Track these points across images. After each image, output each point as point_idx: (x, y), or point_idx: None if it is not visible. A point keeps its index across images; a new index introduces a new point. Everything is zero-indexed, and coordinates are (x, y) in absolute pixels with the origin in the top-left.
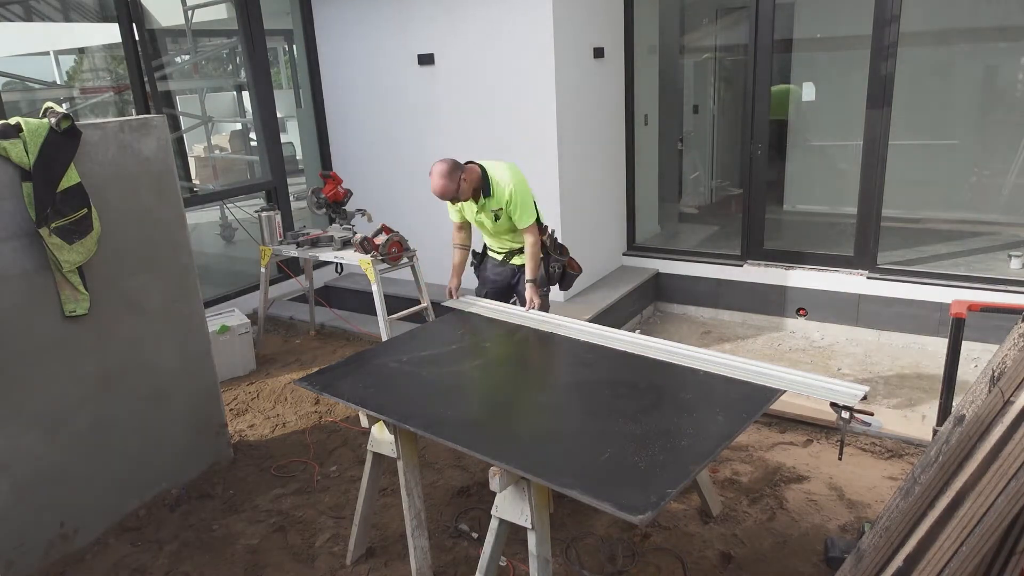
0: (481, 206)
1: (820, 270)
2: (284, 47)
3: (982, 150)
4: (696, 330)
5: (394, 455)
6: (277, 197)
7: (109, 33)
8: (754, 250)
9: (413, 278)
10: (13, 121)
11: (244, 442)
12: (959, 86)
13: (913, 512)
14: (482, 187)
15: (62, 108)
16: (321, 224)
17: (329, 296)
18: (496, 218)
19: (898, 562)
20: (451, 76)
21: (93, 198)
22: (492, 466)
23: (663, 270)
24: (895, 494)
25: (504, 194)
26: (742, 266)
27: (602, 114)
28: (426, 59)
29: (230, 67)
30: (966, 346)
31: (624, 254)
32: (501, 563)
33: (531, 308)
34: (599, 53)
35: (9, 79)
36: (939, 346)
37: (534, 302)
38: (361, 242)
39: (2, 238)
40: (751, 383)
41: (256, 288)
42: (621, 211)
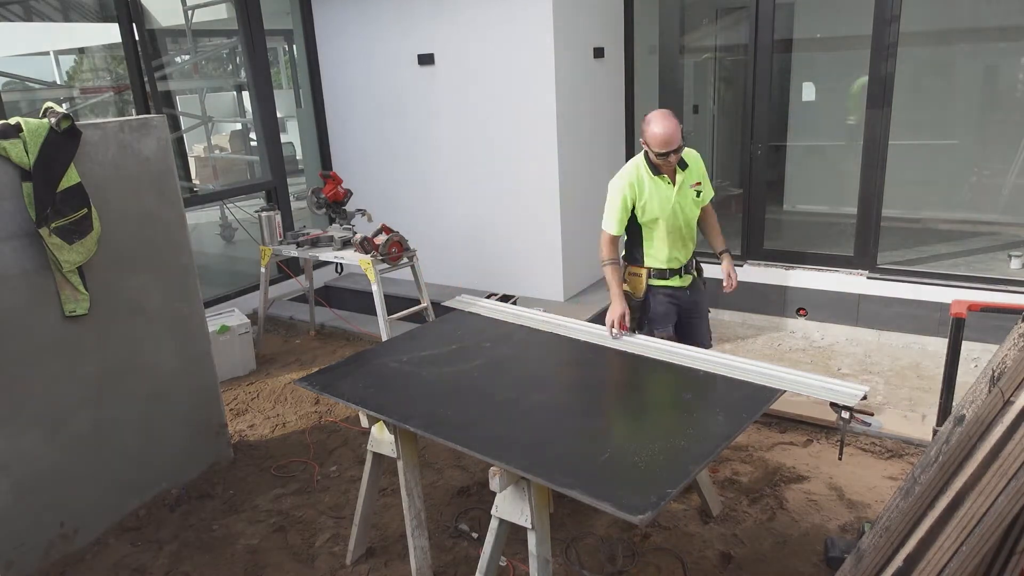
0: (681, 183)
1: (820, 270)
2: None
3: (982, 150)
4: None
5: (394, 455)
6: (277, 197)
7: (109, 33)
8: (754, 250)
9: (413, 278)
10: (13, 121)
11: (244, 442)
12: (959, 86)
13: (913, 512)
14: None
15: (62, 108)
16: (321, 224)
17: (329, 296)
18: (698, 194)
19: (898, 562)
20: (451, 76)
21: (93, 198)
22: (492, 466)
23: None
24: (895, 494)
25: (698, 163)
26: (742, 266)
27: (602, 114)
28: (426, 59)
29: (230, 67)
30: (966, 346)
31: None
32: (501, 563)
33: (730, 282)
34: (599, 53)
35: (9, 79)
36: (939, 346)
37: (732, 276)
38: (361, 242)
39: (2, 238)
40: (751, 383)
41: (256, 288)
42: None
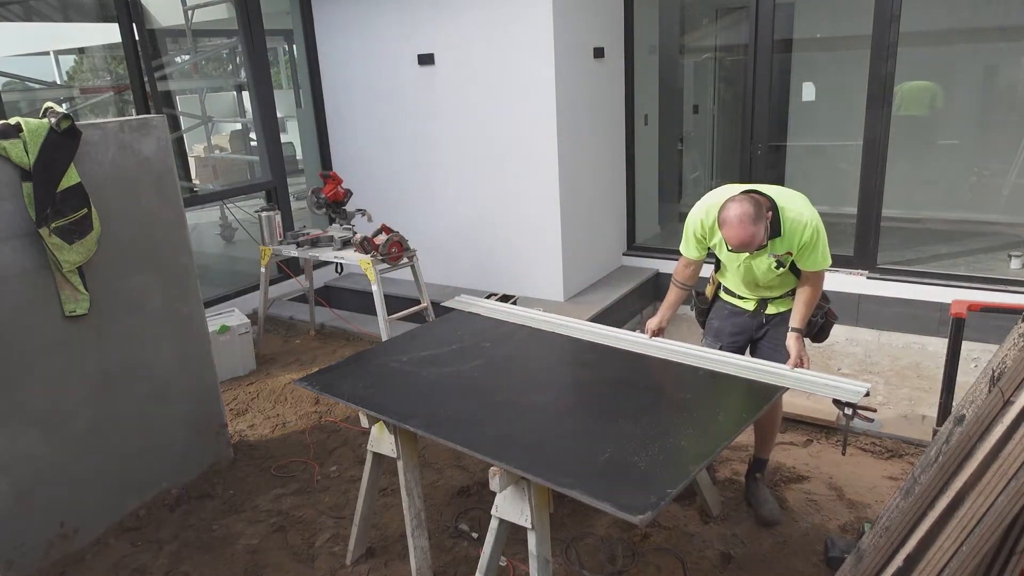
0: (760, 250)
1: None
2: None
3: (982, 150)
4: (696, 330)
5: (394, 455)
6: (277, 197)
7: (109, 33)
8: None
9: (413, 278)
10: (13, 121)
11: (244, 442)
12: (959, 86)
13: (913, 512)
14: (772, 226)
15: (62, 108)
16: (321, 224)
17: (329, 296)
18: (779, 265)
19: (898, 562)
20: (451, 76)
21: (93, 198)
22: (492, 466)
23: (663, 270)
24: (895, 494)
25: (803, 233)
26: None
27: (602, 114)
28: (426, 59)
29: (230, 67)
30: (966, 346)
31: (624, 254)
32: (501, 563)
33: (798, 366)
34: (599, 53)
35: (9, 79)
36: (939, 346)
37: (802, 360)
38: (361, 242)
39: (2, 238)
40: (752, 381)
41: (256, 288)
42: (621, 211)
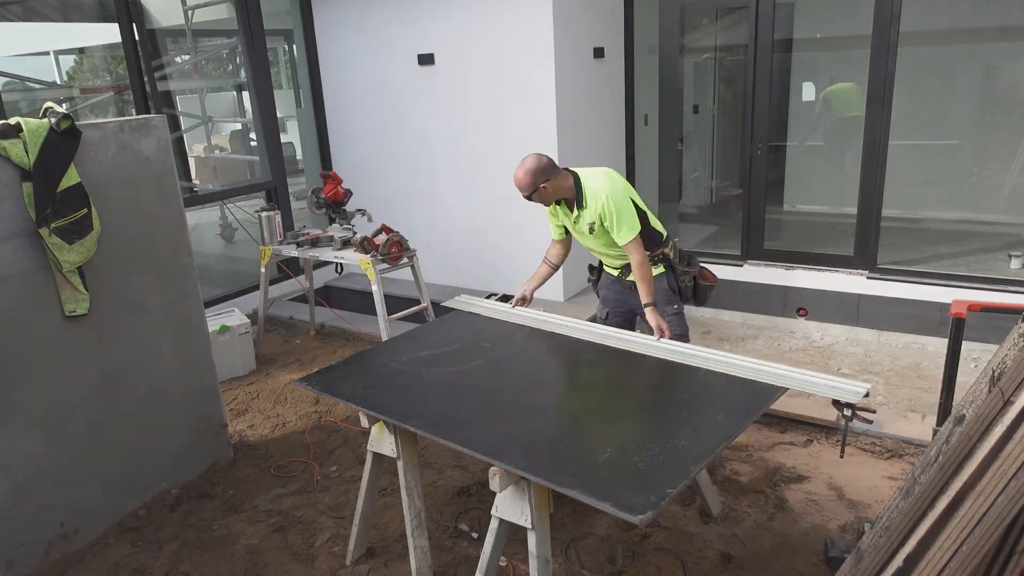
0: (575, 218)
1: (820, 270)
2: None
3: (982, 150)
4: (696, 330)
5: (394, 455)
6: (277, 197)
7: (109, 33)
8: (754, 250)
9: (413, 278)
10: (13, 121)
11: (244, 442)
12: (959, 86)
13: (913, 512)
14: (576, 197)
15: (62, 108)
16: (321, 224)
17: (329, 296)
18: (591, 231)
19: (898, 562)
20: (451, 76)
21: (93, 198)
22: (492, 466)
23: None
24: (895, 494)
25: (597, 206)
26: (742, 266)
27: (602, 114)
28: (426, 59)
29: (230, 67)
30: (966, 346)
31: None
32: (501, 563)
33: (662, 337)
34: (599, 53)
35: (9, 79)
36: (939, 346)
37: (663, 330)
38: (361, 242)
39: (2, 238)
40: (752, 381)
41: (256, 288)
42: None
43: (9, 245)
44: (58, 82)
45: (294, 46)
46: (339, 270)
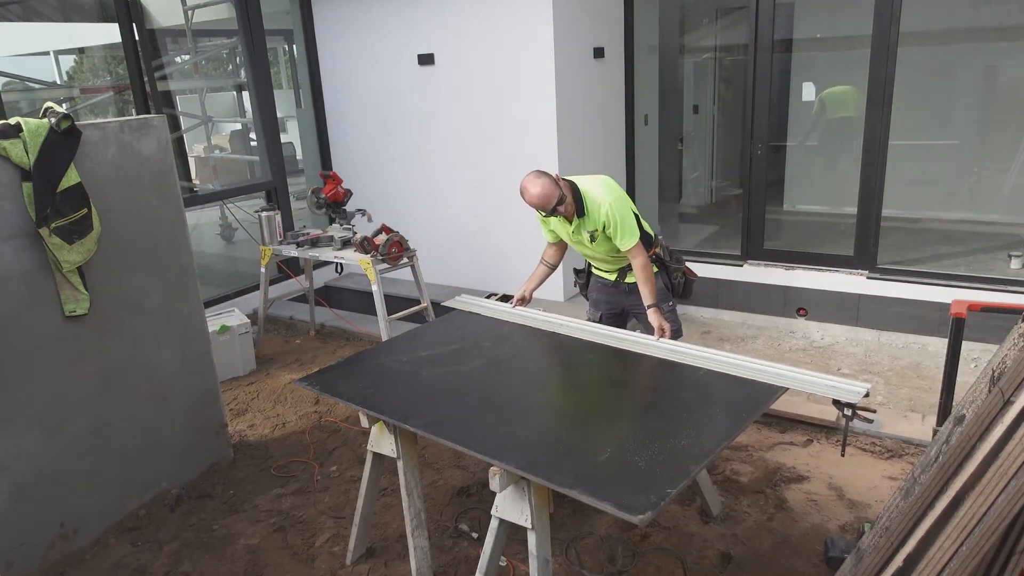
0: (576, 227)
1: (820, 270)
2: (284, 47)
3: (982, 150)
4: (696, 330)
5: (394, 455)
6: (277, 197)
7: (109, 33)
8: (754, 250)
9: (413, 278)
10: (13, 121)
11: (244, 442)
12: (959, 86)
13: (913, 512)
14: (576, 206)
15: (62, 108)
16: (321, 224)
17: (329, 296)
18: (592, 239)
19: (898, 562)
20: (451, 76)
21: (93, 198)
22: (492, 466)
23: None
24: (895, 494)
25: (600, 214)
26: (742, 266)
27: (602, 114)
28: (426, 59)
29: (230, 67)
30: (966, 346)
31: None
32: (501, 563)
33: (662, 336)
34: (599, 53)
35: (9, 79)
36: (939, 346)
37: (664, 330)
38: (361, 242)
39: (2, 238)
40: (752, 381)
41: (256, 288)
42: None
43: (9, 245)
44: (58, 82)
45: (294, 46)
46: (339, 270)
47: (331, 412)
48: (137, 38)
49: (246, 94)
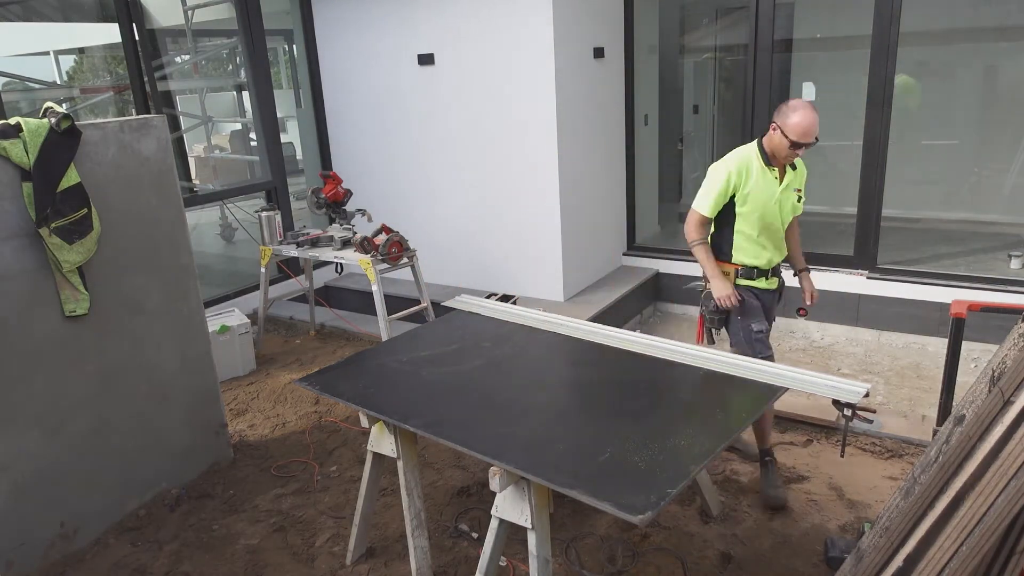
0: (788, 183)
1: (820, 270)
2: (284, 47)
3: (982, 150)
4: (696, 330)
5: (394, 455)
6: (277, 197)
7: (109, 33)
8: None
9: (413, 278)
10: (13, 121)
11: (244, 442)
12: (959, 86)
13: (913, 512)
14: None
15: (62, 108)
16: (321, 224)
17: (329, 296)
18: (799, 199)
19: (898, 562)
20: (451, 76)
21: (93, 198)
22: (492, 466)
23: (663, 270)
24: (895, 494)
25: (803, 168)
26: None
27: (602, 114)
28: (426, 59)
29: (230, 67)
30: (966, 346)
31: (624, 254)
32: (501, 563)
33: (813, 300)
34: (599, 53)
35: (9, 79)
36: (939, 346)
37: (813, 294)
38: (361, 242)
39: (2, 238)
40: (752, 381)
41: (256, 288)
42: (621, 211)
43: (9, 245)
44: (58, 82)
45: (294, 46)
46: (339, 270)
47: (331, 412)
48: (137, 38)
49: (246, 94)
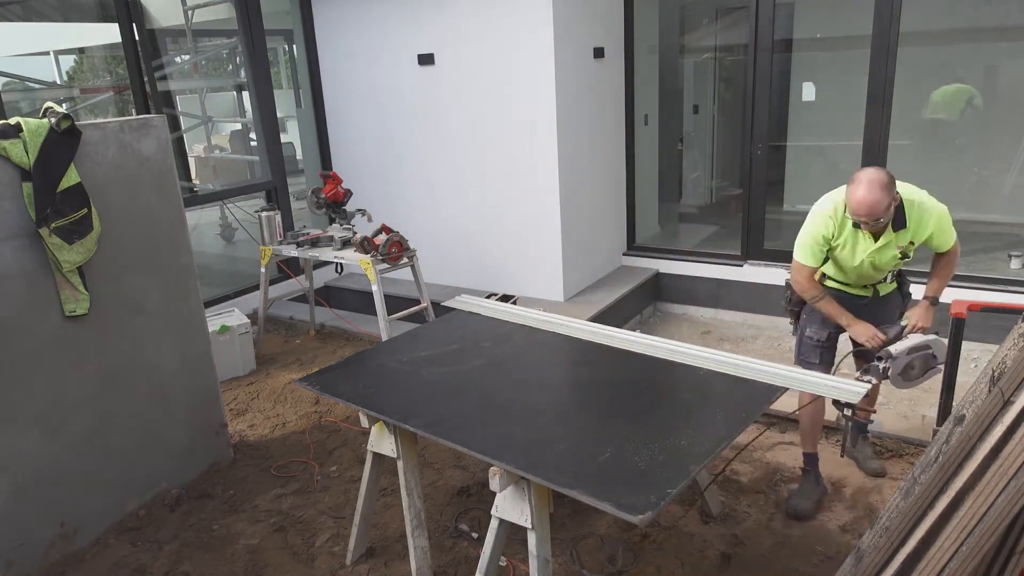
0: (885, 243)
1: None
2: (284, 47)
3: (982, 150)
4: (696, 330)
5: (394, 455)
6: (277, 197)
7: (109, 33)
8: (754, 250)
9: (413, 278)
10: (13, 121)
11: (244, 442)
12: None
13: (913, 512)
14: (895, 217)
15: (62, 108)
16: (321, 224)
17: (329, 296)
18: (903, 256)
19: (898, 562)
20: (451, 76)
21: (93, 198)
22: (492, 466)
23: (663, 270)
24: (895, 494)
25: (928, 223)
26: (742, 266)
27: (602, 114)
28: (426, 59)
29: (230, 67)
30: (966, 346)
31: (624, 254)
32: (501, 563)
33: (916, 329)
34: (599, 53)
35: (9, 79)
36: None
37: (925, 327)
38: (361, 242)
39: (2, 238)
40: (752, 381)
41: (256, 288)
42: (621, 211)
43: (9, 245)
44: (58, 82)
45: (294, 46)
46: (339, 270)
47: (331, 412)
48: (137, 38)
49: (246, 94)
